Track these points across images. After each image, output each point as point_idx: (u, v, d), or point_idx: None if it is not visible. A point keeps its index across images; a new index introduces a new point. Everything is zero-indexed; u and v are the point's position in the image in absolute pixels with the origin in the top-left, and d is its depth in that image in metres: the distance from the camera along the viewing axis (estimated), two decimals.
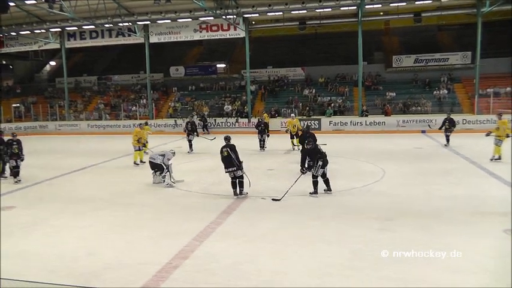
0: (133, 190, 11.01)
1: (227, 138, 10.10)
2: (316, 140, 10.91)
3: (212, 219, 8.09)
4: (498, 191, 9.83)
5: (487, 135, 14.21)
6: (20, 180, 12.29)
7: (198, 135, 18.18)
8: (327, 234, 7.18)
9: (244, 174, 9.81)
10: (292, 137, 17.21)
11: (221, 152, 9.85)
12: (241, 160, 9.77)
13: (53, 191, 11.40)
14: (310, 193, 9.67)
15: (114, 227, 7.95)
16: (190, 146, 17.48)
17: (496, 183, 10.72)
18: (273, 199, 9.41)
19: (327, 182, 9.83)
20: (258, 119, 19.10)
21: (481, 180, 10.97)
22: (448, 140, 16.96)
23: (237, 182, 9.79)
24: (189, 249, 6.56)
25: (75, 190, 11.25)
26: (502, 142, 13.27)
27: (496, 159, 13.32)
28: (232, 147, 9.82)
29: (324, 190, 9.79)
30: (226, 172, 9.86)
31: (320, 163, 9.52)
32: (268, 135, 17.85)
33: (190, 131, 17.67)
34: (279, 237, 7.06)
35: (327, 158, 9.73)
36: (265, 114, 25.51)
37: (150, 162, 11.57)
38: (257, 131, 17.97)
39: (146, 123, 16.83)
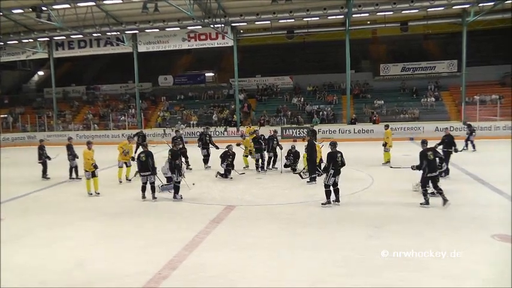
0: (122, 200, 10.91)
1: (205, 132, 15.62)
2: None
3: (201, 228, 8.06)
4: (485, 196, 9.98)
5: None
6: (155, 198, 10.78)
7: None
8: (317, 241, 7.19)
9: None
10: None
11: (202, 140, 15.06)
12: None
13: (41, 202, 11.26)
14: (322, 204, 9.32)
15: (104, 237, 7.89)
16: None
17: (482, 188, 10.88)
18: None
19: (336, 191, 9.37)
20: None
21: (468, 185, 11.11)
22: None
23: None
24: (178, 259, 6.52)
25: (63, 201, 11.10)
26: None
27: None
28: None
29: (332, 201, 9.39)
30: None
31: (332, 171, 9.16)
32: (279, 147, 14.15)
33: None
34: (268, 246, 7.04)
35: (341, 168, 9.38)
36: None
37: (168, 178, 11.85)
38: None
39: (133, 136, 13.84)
